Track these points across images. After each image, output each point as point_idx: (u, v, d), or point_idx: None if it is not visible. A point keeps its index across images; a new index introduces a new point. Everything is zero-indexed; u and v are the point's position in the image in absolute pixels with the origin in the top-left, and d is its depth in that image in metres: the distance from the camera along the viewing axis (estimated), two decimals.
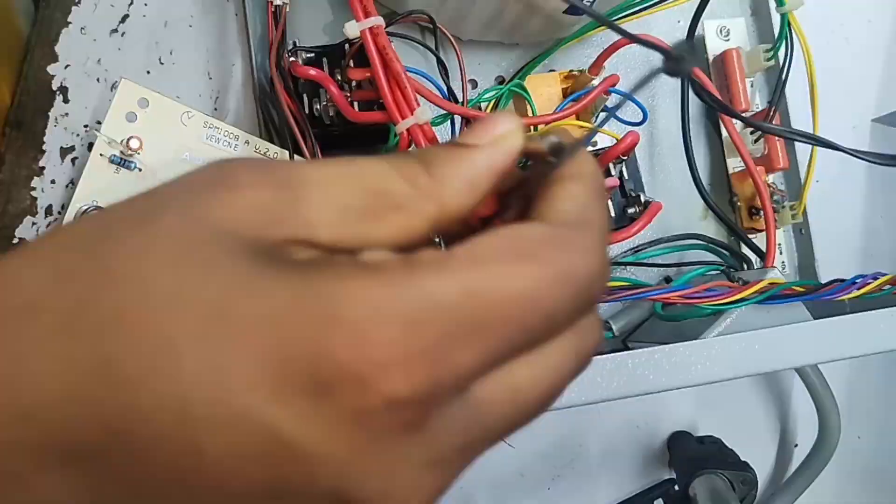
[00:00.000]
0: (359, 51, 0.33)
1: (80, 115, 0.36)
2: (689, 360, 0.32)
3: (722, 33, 0.44)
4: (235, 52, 0.38)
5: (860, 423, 0.48)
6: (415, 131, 0.31)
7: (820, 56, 0.42)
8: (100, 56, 0.36)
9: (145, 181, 0.33)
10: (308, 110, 0.34)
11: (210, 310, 0.16)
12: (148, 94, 0.33)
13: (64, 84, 0.35)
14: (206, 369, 0.15)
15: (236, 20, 0.38)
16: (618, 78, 0.38)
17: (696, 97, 0.40)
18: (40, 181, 0.35)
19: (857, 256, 0.47)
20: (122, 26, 0.37)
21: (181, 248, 0.16)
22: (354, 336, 0.15)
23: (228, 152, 0.35)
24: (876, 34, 0.48)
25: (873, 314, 0.33)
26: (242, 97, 0.38)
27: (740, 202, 0.44)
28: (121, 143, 0.33)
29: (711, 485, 0.42)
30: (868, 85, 0.48)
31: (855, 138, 0.47)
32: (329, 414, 0.15)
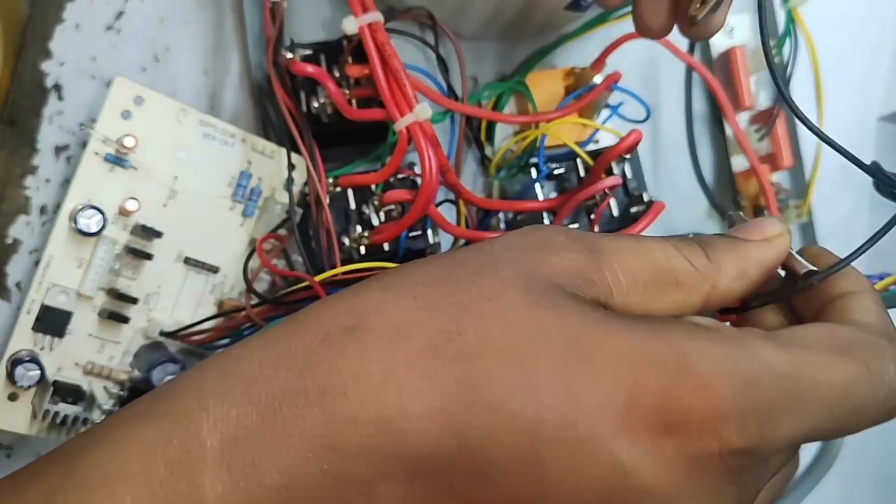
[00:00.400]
0: (357, 47, 0.32)
1: (75, 112, 0.35)
2: None
3: (726, 30, 0.43)
4: (232, 50, 0.37)
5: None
6: (414, 129, 0.30)
7: (825, 53, 0.41)
8: (95, 53, 0.36)
9: (140, 180, 0.33)
10: (305, 108, 0.34)
11: (568, 345, 0.18)
12: (143, 92, 0.33)
13: (58, 82, 0.35)
14: (561, 396, 0.17)
15: (233, 17, 0.38)
16: (620, 75, 0.38)
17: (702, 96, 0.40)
18: (34, 180, 0.34)
19: (863, 256, 0.47)
20: (117, 23, 0.36)
21: (529, 295, 0.19)
22: (703, 387, 0.17)
23: (225, 150, 0.34)
24: (882, 30, 0.47)
25: None
26: (239, 95, 0.37)
27: (745, 201, 0.44)
28: (115, 142, 0.32)
29: None
30: (874, 82, 0.47)
31: (861, 136, 0.47)
32: (668, 452, 0.17)
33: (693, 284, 0.21)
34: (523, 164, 0.38)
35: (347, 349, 0.19)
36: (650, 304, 0.21)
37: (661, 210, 0.35)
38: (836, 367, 0.19)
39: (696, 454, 0.18)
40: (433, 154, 0.30)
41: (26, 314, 0.32)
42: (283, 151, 0.35)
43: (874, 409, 0.20)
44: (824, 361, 0.19)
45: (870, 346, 0.20)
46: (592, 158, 0.37)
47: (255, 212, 0.35)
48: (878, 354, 0.20)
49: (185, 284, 0.34)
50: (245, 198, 0.35)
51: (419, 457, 0.18)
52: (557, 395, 0.17)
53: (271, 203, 0.35)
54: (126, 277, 0.33)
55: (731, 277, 0.22)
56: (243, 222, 0.35)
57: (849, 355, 0.20)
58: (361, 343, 0.19)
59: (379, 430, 0.18)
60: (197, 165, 0.34)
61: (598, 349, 0.18)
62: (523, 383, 0.18)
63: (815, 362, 0.19)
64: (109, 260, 0.33)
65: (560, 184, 0.40)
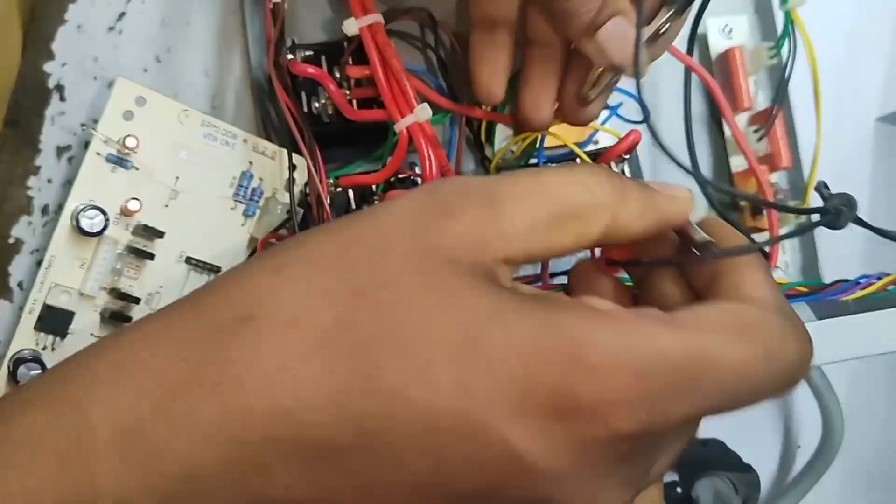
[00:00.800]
0: (358, 48, 0.33)
1: (77, 113, 0.35)
2: None
3: (725, 31, 0.43)
4: (233, 51, 0.38)
5: (864, 425, 0.48)
6: (415, 129, 0.30)
7: (824, 54, 0.41)
8: (96, 54, 0.36)
9: (142, 180, 0.33)
10: (306, 108, 0.34)
11: (462, 337, 0.18)
12: (145, 93, 0.33)
13: (60, 82, 0.35)
14: (455, 387, 0.18)
15: (234, 18, 0.38)
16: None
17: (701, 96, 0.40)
18: (36, 180, 0.35)
19: (861, 256, 0.47)
20: (119, 24, 0.36)
21: (424, 279, 0.19)
22: (594, 375, 0.18)
23: (226, 151, 0.34)
24: (880, 32, 0.48)
25: (877, 315, 0.33)
26: (240, 95, 0.37)
27: (743, 201, 0.44)
28: (117, 142, 0.32)
29: (714, 487, 0.42)
30: (872, 83, 0.48)
31: (859, 137, 0.47)
32: (560, 437, 0.18)
33: (593, 216, 0.21)
34: (523, 165, 0.38)
35: (242, 339, 0.19)
36: (550, 241, 0.21)
37: None
38: (734, 349, 0.19)
39: (586, 439, 0.18)
40: (433, 154, 0.31)
41: (28, 314, 0.32)
42: (284, 152, 0.35)
43: (770, 386, 0.20)
44: (722, 343, 0.19)
45: (767, 327, 0.20)
46: (592, 159, 0.37)
47: (257, 212, 0.35)
48: (775, 334, 0.20)
49: (186, 284, 0.34)
50: (246, 198, 0.35)
51: (316, 445, 0.18)
52: (451, 387, 0.18)
53: (272, 203, 0.35)
54: (128, 277, 0.33)
55: (631, 213, 0.22)
56: (245, 222, 0.35)
57: (747, 336, 0.20)
58: (256, 333, 0.19)
59: (275, 419, 0.18)
60: (198, 166, 0.34)
61: (491, 341, 0.18)
62: (419, 375, 0.18)
63: (712, 345, 0.19)
64: (111, 260, 0.33)
65: None
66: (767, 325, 0.20)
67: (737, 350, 0.19)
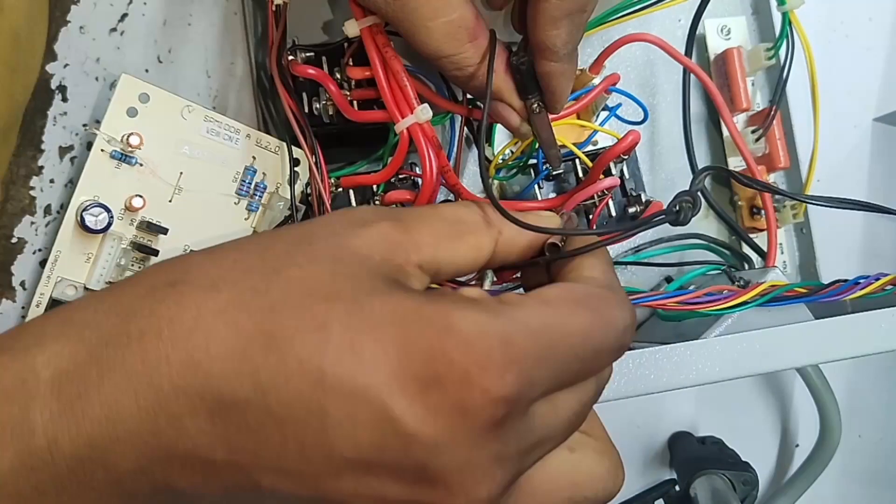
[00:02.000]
0: (358, 49, 0.33)
1: (79, 114, 0.35)
2: (690, 359, 0.32)
3: (723, 32, 0.44)
4: (234, 51, 0.38)
5: (861, 423, 0.48)
6: (415, 130, 0.31)
7: (821, 55, 0.42)
8: (99, 55, 0.36)
9: (146, 176, 0.33)
10: (307, 109, 0.34)
11: (356, 308, 0.20)
12: (148, 89, 0.33)
13: (63, 83, 0.35)
14: (344, 351, 0.20)
15: (235, 18, 0.38)
16: (618, 77, 0.38)
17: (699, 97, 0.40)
18: (39, 180, 0.35)
19: (859, 255, 0.47)
20: (121, 25, 0.36)
21: (334, 265, 0.22)
22: (465, 343, 0.20)
23: (229, 146, 0.35)
24: (877, 32, 0.48)
25: (874, 314, 0.33)
26: (241, 96, 0.38)
27: (741, 201, 0.44)
28: (121, 140, 0.32)
29: (712, 485, 0.42)
30: (869, 84, 0.48)
31: (856, 138, 0.47)
32: (435, 402, 0.20)
33: (483, 230, 0.26)
34: (522, 165, 0.38)
35: (167, 298, 0.21)
36: (453, 250, 0.25)
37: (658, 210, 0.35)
38: (575, 317, 0.23)
39: (459, 403, 0.20)
40: (434, 155, 0.31)
41: (35, 307, 0.32)
42: (286, 147, 0.35)
43: (609, 349, 0.24)
44: (566, 314, 0.23)
45: (599, 297, 0.24)
46: (591, 159, 0.37)
47: (260, 207, 0.35)
48: (605, 303, 0.24)
49: None
50: (249, 193, 0.35)
51: (220, 396, 0.20)
52: (341, 350, 0.20)
53: (275, 199, 0.35)
54: (132, 272, 0.34)
55: (514, 229, 0.27)
56: (248, 217, 0.35)
57: (584, 306, 0.23)
58: (180, 294, 0.21)
59: (187, 369, 0.20)
60: (202, 161, 0.34)
61: (380, 313, 0.20)
62: (313, 337, 0.20)
63: (559, 316, 0.22)
64: (116, 255, 0.33)
65: (559, 184, 0.40)
66: (599, 296, 0.24)
67: (579, 317, 0.23)
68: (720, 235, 0.44)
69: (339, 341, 0.20)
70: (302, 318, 0.20)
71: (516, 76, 0.31)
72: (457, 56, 0.29)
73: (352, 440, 0.20)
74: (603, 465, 0.26)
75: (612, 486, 0.26)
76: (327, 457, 0.20)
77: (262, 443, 0.20)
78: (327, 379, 0.20)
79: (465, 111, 0.34)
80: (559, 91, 0.31)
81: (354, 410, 0.19)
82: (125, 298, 0.22)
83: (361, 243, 0.23)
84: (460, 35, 0.29)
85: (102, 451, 0.20)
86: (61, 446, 0.20)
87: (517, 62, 0.30)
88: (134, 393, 0.20)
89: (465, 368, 0.20)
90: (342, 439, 0.20)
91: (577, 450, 0.25)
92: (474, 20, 0.29)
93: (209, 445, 0.20)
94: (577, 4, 0.28)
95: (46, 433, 0.20)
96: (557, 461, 0.24)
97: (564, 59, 0.30)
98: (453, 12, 0.28)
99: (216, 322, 0.20)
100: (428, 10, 0.28)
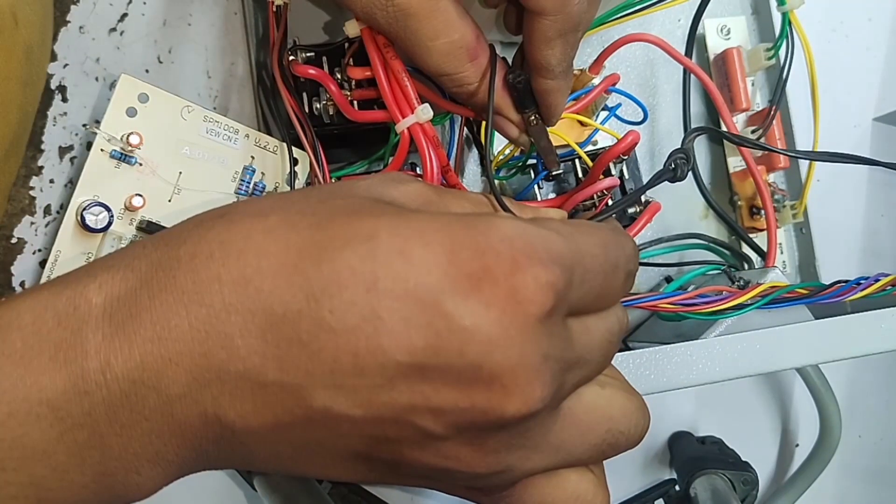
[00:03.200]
0: (359, 49, 0.33)
1: (79, 114, 0.35)
2: (690, 359, 0.32)
3: (722, 32, 0.44)
4: (235, 51, 0.38)
5: (861, 423, 0.48)
6: (415, 130, 0.31)
7: (821, 55, 0.42)
8: (98, 55, 0.36)
9: (145, 176, 0.33)
10: (308, 109, 0.34)
11: (402, 220, 0.21)
12: (148, 89, 0.33)
13: (62, 83, 0.35)
14: (394, 256, 0.20)
15: (236, 18, 0.38)
16: (618, 77, 0.38)
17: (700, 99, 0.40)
18: (39, 180, 0.35)
19: (859, 255, 0.47)
20: (120, 25, 0.36)
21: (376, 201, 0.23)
22: (510, 239, 0.21)
23: (228, 146, 0.35)
24: (877, 32, 0.48)
25: (874, 314, 0.33)
26: (242, 96, 0.38)
27: (741, 201, 0.44)
28: (121, 140, 0.32)
29: (712, 485, 0.42)
30: (869, 83, 0.48)
31: (856, 137, 0.47)
32: (487, 295, 0.20)
33: None
34: (522, 165, 0.38)
35: (217, 226, 0.22)
36: None
37: (656, 211, 0.35)
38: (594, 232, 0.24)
39: (512, 292, 0.20)
40: (434, 154, 0.31)
41: None
42: (285, 147, 0.35)
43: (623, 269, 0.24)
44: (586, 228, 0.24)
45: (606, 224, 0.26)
46: (591, 159, 0.37)
47: None
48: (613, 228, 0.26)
49: None
50: (248, 192, 0.35)
51: (272, 311, 0.20)
52: (391, 255, 0.20)
53: None
54: None
55: None
56: None
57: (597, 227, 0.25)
58: (229, 221, 0.22)
59: (238, 286, 0.20)
60: (201, 161, 0.34)
61: (426, 222, 0.21)
62: (363, 246, 0.20)
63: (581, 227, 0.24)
64: None
65: (558, 184, 0.40)
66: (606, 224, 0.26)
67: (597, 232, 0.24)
68: (720, 235, 0.44)
69: (389, 247, 0.20)
70: (350, 229, 0.21)
71: (513, 92, 0.32)
72: (457, 75, 0.30)
73: (406, 343, 0.20)
74: (633, 402, 0.25)
75: (643, 424, 0.26)
76: (381, 365, 0.20)
77: (315, 356, 0.20)
78: (379, 283, 0.20)
79: (466, 111, 0.34)
80: (555, 105, 0.32)
81: (408, 312, 0.20)
82: (174, 231, 0.22)
83: (399, 193, 0.24)
84: (461, 55, 0.29)
85: (154, 372, 0.20)
86: (113, 367, 0.20)
87: (514, 80, 0.31)
88: (185, 311, 0.20)
89: (514, 258, 0.20)
90: (396, 344, 0.20)
91: (607, 386, 0.25)
92: (475, 40, 0.30)
93: (260, 366, 0.20)
94: (570, 24, 0.29)
95: (99, 355, 0.20)
96: (593, 394, 0.24)
97: (560, 77, 0.31)
98: (454, 33, 0.29)
99: (266, 241, 0.21)
100: (429, 30, 0.28)
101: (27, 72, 0.31)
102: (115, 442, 0.20)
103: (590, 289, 0.23)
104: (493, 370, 0.20)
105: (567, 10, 0.28)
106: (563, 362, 0.22)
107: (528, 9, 0.29)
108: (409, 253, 0.20)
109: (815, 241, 0.43)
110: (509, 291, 0.20)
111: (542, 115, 0.32)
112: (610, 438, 0.24)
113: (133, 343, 0.20)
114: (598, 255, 0.23)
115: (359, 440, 0.21)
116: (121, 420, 0.20)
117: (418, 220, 0.21)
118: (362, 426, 0.21)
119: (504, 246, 0.20)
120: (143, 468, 0.21)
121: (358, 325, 0.20)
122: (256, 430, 0.21)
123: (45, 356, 0.20)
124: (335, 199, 0.23)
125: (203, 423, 0.21)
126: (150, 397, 0.20)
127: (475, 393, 0.20)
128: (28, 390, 0.20)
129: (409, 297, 0.20)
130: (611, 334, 0.25)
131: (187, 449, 0.21)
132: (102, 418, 0.20)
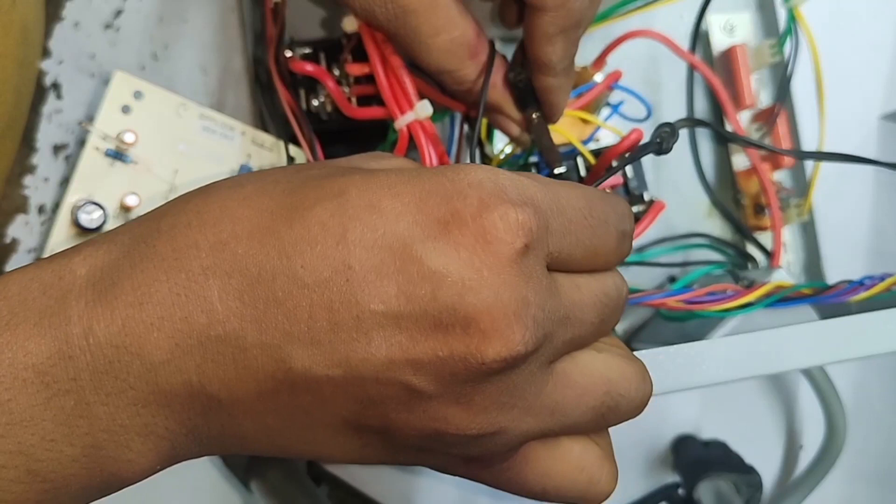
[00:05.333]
0: (357, 45, 0.32)
1: (74, 111, 0.35)
2: (694, 361, 0.31)
3: (727, 28, 0.43)
4: (231, 48, 0.37)
5: (867, 425, 0.48)
6: (415, 127, 0.30)
7: (826, 52, 0.41)
8: (93, 51, 0.36)
9: (140, 174, 0.33)
10: (305, 106, 0.34)
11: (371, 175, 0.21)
12: (143, 86, 0.33)
13: (57, 80, 0.35)
14: (363, 208, 0.20)
15: (232, 15, 0.37)
16: (621, 73, 0.37)
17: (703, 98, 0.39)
18: (33, 179, 0.34)
19: (864, 254, 0.47)
20: (116, 21, 0.36)
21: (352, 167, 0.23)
22: (479, 183, 0.21)
23: (225, 144, 0.34)
24: (883, 29, 0.47)
25: (880, 314, 0.33)
26: (238, 93, 0.37)
27: (746, 200, 0.44)
28: (115, 138, 0.32)
29: (717, 488, 0.41)
30: (875, 81, 0.47)
31: (862, 135, 0.47)
32: (456, 237, 0.20)
33: None
34: (523, 163, 0.38)
35: (194, 198, 0.23)
36: None
37: (660, 210, 0.35)
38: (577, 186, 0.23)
39: (480, 232, 0.20)
40: (434, 152, 0.30)
41: None
42: (282, 144, 0.35)
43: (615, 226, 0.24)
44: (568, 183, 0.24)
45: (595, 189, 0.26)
46: (593, 157, 0.37)
47: None
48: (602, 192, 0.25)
49: None
50: None
51: (247, 271, 0.20)
52: (360, 209, 0.20)
53: None
54: None
55: None
56: None
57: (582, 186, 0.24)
58: (206, 193, 0.23)
59: (215, 250, 0.21)
60: (197, 159, 0.34)
61: (395, 176, 0.21)
62: (333, 202, 0.21)
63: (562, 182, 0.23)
64: None
65: None
66: None
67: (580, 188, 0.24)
68: (724, 235, 0.44)
69: (358, 201, 0.20)
70: (322, 191, 0.21)
71: (514, 90, 0.31)
72: (457, 72, 0.30)
73: (378, 292, 0.20)
74: (633, 366, 0.25)
75: (645, 389, 0.25)
76: (356, 318, 0.20)
77: (291, 314, 0.20)
78: (349, 234, 0.20)
79: (465, 108, 0.33)
80: (556, 104, 0.32)
81: (378, 261, 0.20)
82: (157, 208, 0.23)
83: (378, 166, 0.25)
84: (461, 52, 0.29)
85: (136, 337, 0.20)
86: (96, 332, 0.20)
87: (515, 78, 0.31)
88: (165, 276, 0.21)
89: (482, 199, 0.20)
90: (368, 293, 0.20)
91: (604, 351, 0.24)
92: (475, 37, 0.30)
93: (239, 328, 0.20)
94: (571, 21, 0.28)
95: (82, 320, 0.20)
96: (589, 357, 0.24)
97: (561, 74, 0.30)
98: (455, 30, 0.29)
99: (241, 208, 0.21)
100: (429, 27, 0.28)
101: (22, 52, 0.31)
102: (102, 411, 0.20)
103: (576, 241, 0.23)
104: (469, 312, 0.20)
105: (569, 6, 0.28)
106: (548, 311, 0.21)
107: (529, 4, 0.28)
108: (378, 205, 0.20)
109: (821, 240, 0.43)
110: (478, 231, 0.20)
111: (544, 113, 0.32)
112: (609, 401, 0.24)
113: (115, 308, 0.20)
114: (580, 208, 0.23)
115: (343, 405, 0.21)
116: (106, 388, 0.20)
117: (388, 176, 0.21)
118: (345, 387, 0.20)
119: (473, 189, 0.20)
120: (134, 442, 0.21)
121: (330, 278, 0.20)
122: (242, 400, 0.21)
123: (31, 323, 0.20)
124: (311, 170, 0.23)
125: (189, 394, 0.21)
126: (133, 364, 0.20)
127: (452, 339, 0.20)
128: (14, 355, 0.20)
129: (379, 246, 0.20)
130: (606, 297, 0.24)
131: (176, 423, 0.21)
132: (88, 385, 0.20)
